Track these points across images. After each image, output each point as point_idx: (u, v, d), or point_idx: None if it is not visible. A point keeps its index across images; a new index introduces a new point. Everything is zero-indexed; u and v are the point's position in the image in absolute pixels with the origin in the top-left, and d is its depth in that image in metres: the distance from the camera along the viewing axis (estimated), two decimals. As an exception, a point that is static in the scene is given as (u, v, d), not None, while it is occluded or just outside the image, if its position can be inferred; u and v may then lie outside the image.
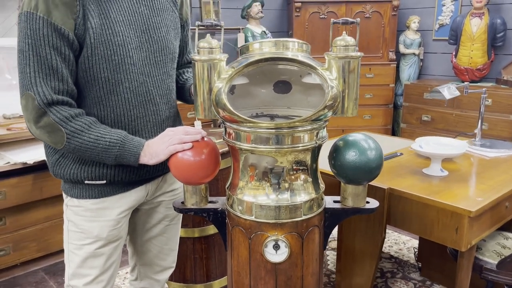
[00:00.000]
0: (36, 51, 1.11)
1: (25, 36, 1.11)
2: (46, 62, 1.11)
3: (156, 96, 1.30)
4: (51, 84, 1.12)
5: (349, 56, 1.09)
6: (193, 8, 3.81)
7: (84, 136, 1.15)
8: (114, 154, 1.17)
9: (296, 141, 1.10)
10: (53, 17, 1.10)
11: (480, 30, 3.73)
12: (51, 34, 1.10)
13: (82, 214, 1.28)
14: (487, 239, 1.88)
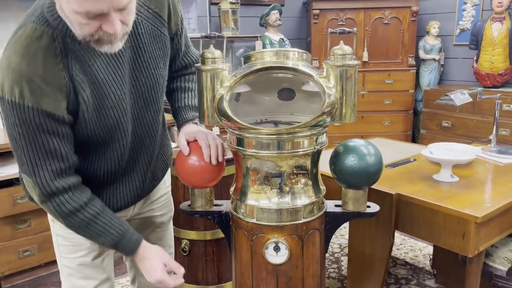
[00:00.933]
0: (30, 139, 1.02)
1: (14, 124, 1.01)
2: (43, 147, 1.03)
3: (146, 138, 1.25)
4: (51, 168, 1.06)
5: (346, 64, 1.13)
6: (212, 17, 3.91)
7: (81, 232, 1.15)
8: (110, 247, 1.21)
9: (296, 146, 1.15)
10: (43, 104, 1.00)
11: (501, 35, 3.67)
12: (44, 121, 1.01)
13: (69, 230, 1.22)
14: (498, 245, 1.86)
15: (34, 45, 0.99)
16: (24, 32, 1.00)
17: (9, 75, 0.98)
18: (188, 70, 1.42)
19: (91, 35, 0.97)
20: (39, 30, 1.00)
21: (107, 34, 0.97)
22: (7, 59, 1.00)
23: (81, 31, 0.97)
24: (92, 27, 0.95)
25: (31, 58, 0.98)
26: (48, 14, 1.01)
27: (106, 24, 0.95)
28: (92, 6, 0.91)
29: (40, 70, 0.99)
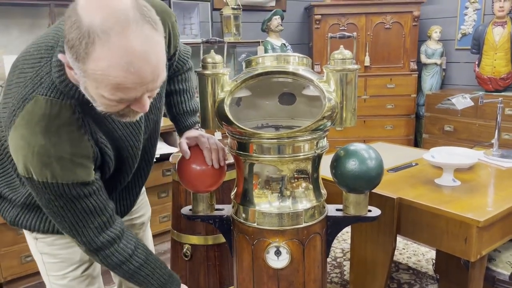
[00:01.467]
0: (69, 208, 0.99)
1: (49, 200, 0.98)
2: (83, 211, 1.01)
3: (143, 162, 1.25)
4: (94, 225, 1.03)
5: (346, 69, 1.13)
6: (214, 23, 3.92)
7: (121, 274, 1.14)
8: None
9: (297, 150, 1.15)
10: (77, 178, 0.97)
11: (503, 39, 3.68)
12: (80, 190, 0.98)
13: (56, 243, 1.21)
14: (501, 250, 1.85)
15: (54, 123, 0.92)
16: (36, 108, 0.92)
17: (34, 159, 0.92)
18: (180, 71, 1.39)
19: (117, 112, 0.91)
20: (55, 104, 0.93)
21: (133, 111, 0.91)
22: (23, 140, 0.92)
23: (106, 109, 0.89)
24: (119, 108, 0.89)
25: (56, 138, 0.92)
26: (61, 86, 0.94)
27: (136, 105, 0.89)
28: (126, 95, 0.84)
29: (67, 147, 0.94)
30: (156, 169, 2.86)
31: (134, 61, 0.80)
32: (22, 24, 2.85)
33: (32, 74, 0.96)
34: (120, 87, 0.82)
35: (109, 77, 0.80)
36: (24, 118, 0.93)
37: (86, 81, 0.84)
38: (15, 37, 2.82)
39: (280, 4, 4.38)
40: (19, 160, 0.94)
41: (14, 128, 0.94)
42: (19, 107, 0.94)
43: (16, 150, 0.94)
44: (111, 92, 0.83)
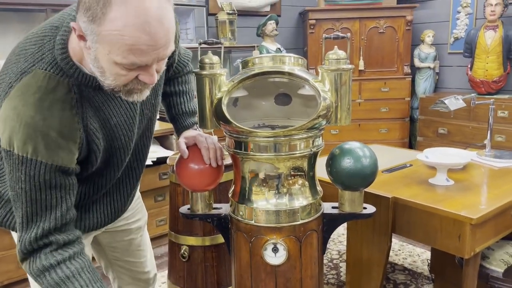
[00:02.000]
0: (31, 196, 0.95)
1: (19, 179, 0.94)
2: (43, 204, 0.97)
3: (135, 162, 1.25)
4: (42, 226, 0.97)
5: (341, 68, 1.16)
6: (210, 28, 3.96)
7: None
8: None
9: (293, 148, 1.17)
10: (58, 159, 0.94)
11: (494, 43, 3.73)
12: (54, 176, 0.95)
13: None
14: (495, 248, 1.88)
15: (49, 97, 0.93)
16: (34, 80, 0.93)
17: (20, 130, 0.91)
18: (180, 73, 1.42)
19: (124, 85, 0.92)
20: (53, 80, 0.94)
21: (141, 84, 0.93)
22: (13, 110, 0.92)
23: (114, 82, 0.91)
24: (128, 78, 0.90)
25: (47, 112, 0.92)
26: (62, 62, 0.95)
27: (144, 75, 0.90)
28: (138, 58, 0.86)
29: (56, 124, 0.93)
30: (152, 172, 2.87)
31: (150, 21, 0.82)
32: (18, 29, 2.88)
33: (33, 50, 0.97)
34: (134, 48, 0.83)
35: (124, 37, 0.82)
36: (19, 90, 0.93)
37: (98, 48, 0.86)
38: (11, 42, 2.84)
39: (275, 9, 4.43)
40: (5, 131, 0.93)
41: (8, 99, 0.94)
42: (17, 79, 0.94)
43: (5, 120, 0.93)
44: (124, 55, 0.84)
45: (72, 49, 0.96)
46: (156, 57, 0.88)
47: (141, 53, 0.85)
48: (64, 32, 0.97)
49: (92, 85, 0.99)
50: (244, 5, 4.10)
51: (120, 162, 1.16)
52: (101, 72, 0.91)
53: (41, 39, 0.98)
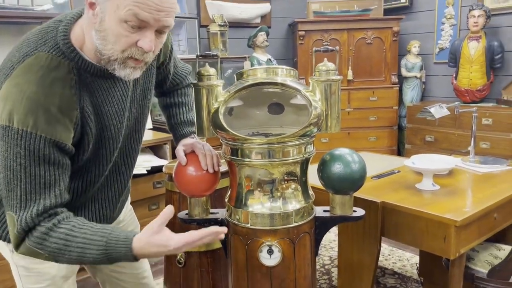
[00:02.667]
0: (31, 171, 0.98)
1: (17, 155, 0.96)
2: (42, 180, 0.99)
3: (122, 166, 1.29)
4: (43, 203, 1.00)
5: (330, 79, 1.24)
6: (202, 39, 4.03)
7: (65, 254, 1.01)
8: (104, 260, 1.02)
9: (286, 154, 1.24)
10: (56, 134, 0.99)
11: (478, 53, 3.86)
12: (52, 151, 0.99)
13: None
14: (480, 250, 1.96)
15: (50, 75, 0.99)
16: (37, 61, 0.99)
17: (22, 104, 0.95)
18: (180, 86, 1.50)
19: (122, 51, 0.99)
20: (55, 60, 1.01)
21: (138, 53, 1.00)
22: (16, 86, 0.97)
23: (114, 46, 0.98)
24: (128, 41, 0.98)
25: (48, 88, 0.98)
26: (64, 47, 1.02)
27: (142, 40, 0.98)
28: (141, 12, 0.94)
29: (57, 100, 0.99)
30: (146, 181, 2.92)
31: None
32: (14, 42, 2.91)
33: (36, 38, 1.04)
34: (140, 1, 0.93)
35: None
36: (22, 69, 0.99)
37: (107, 7, 0.95)
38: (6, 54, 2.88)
39: (265, 21, 4.53)
40: (5, 107, 0.96)
41: (10, 78, 0.99)
42: (19, 62, 1.00)
43: (5, 97, 0.97)
44: (130, 7, 0.93)
45: (74, 37, 1.04)
46: (157, 20, 0.97)
47: (145, 7, 0.94)
48: (67, 23, 1.06)
49: (90, 71, 1.06)
50: (235, 17, 4.19)
51: (109, 155, 1.18)
52: (103, 38, 0.98)
53: (44, 30, 1.06)
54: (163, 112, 1.51)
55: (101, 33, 0.98)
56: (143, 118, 1.30)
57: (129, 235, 1.02)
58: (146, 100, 1.28)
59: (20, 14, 2.82)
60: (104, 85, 1.11)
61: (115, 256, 1.01)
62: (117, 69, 1.03)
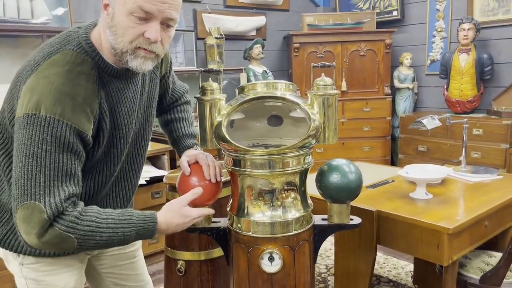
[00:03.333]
0: (55, 158, 1.03)
1: (43, 141, 1.02)
2: (65, 167, 1.05)
3: (130, 172, 1.34)
4: (67, 190, 1.05)
5: (328, 94, 1.30)
6: (199, 51, 4.10)
7: (96, 236, 1.08)
8: (133, 238, 1.14)
9: (286, 165, 1.30)
10: (80, 124, 1.06)
11: (468, 65, 3.96)
12: (75, 140, 1.05)
13: (42, 269, 1.25)
14: (472, 257, 2.02)
15: (76, 69, 1.08)
16: (62, 57, 1.08)
17: (51, 94, 1.02)
18: (178, 102, 1.58)
19: (130, 42, 1.08)
20: (79, 57, 1.10)
21: (146, 43, 1.09)
22: (45, 79, 1.04)
23: (123, 37, 1.07)
24: (136, 31, 1.07)
25: (75, 80, 1.06)
26: (86, 46, 1.12)
27: (148, 31, 1.07)
28: (145, 4, 1.04)
29: (82, 91, 1.07)
30: (145, 191, 2.96)
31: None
32: (14, 54, 2.97)
33: (59, 40, 1.13)
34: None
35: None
36: (49, 64, 1.07)
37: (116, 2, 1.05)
38: (7, 66, 2.93)
39: (261, 33, 4.61)
40: (32, 97, 1.03)
41: (37, 72, 1.07)
42: (44, 59, 1.09)
43: (32, 89, 1.04)
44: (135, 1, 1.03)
45: (93, 39, 1.14)
46: (161, 11, 1.07)
47: (149, 0, 1.04)
48: (86, 28, 1.16)
49: (108, 70, 1.15)
50: (231, 29, 4.27)
51: (119, 154, 1.24)
52: (114, 32, 1.08)
53: (66, 34, 1.16)
54: (164, 129, 1.58)
55: (112, 28, 1.09)
56: (148, 126, 1.37)
57: (153, 212, 1.17)
58: (151, 108, 1.36)
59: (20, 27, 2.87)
60: (119, 86, 1.19)
61: (144, 232, 1.14)
62: (129, 60, 1.11)
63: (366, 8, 4.87)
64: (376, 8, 4.81)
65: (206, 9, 4.16)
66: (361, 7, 4.92)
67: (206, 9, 4.16)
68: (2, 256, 1.31)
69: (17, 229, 1.07)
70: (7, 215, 1.23)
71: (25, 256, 1.24)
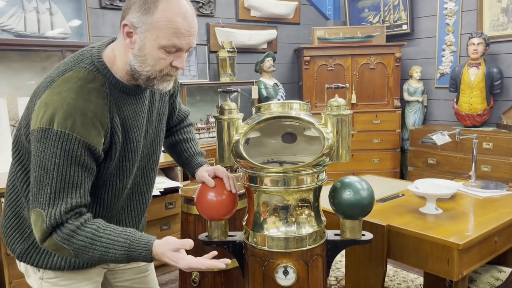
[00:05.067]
0: (63, 171, 1.10)
1: (53, 155, 1.09)
2: (71, 180, 1.11)
3: (144, 186, 1.40)
4: (71, 202, 1.11)
5: (341, 114, 1.36)
6: (211, 64, 4.19)
7: (89, 252, 1.13)
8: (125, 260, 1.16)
9: (301, 182, 1.35)
10: (90, 138, 1.11)
11: (477, 79, 3.99)
12: (84, 154, 1.11)
13: (61, 283, 1.30)
14: (482, 272, 2.04)
15: (88, 86, 1.14)
16: (75, 74, 1.15)
17: (63, 108, 1.09)
18: (183, 124, 1.64)
19: (160, 71, 1.17)
20: (91, 74, 1.17)
21: (173, 70, 1.18)
22: (59, 94, 1.11)
23: (153, 68, 1.16)
24: (166, 62, 1.16)
25: (86, 96, 1.13)
26: (98, 64, 1.19)
27: (177, 60, 1.17)
28: (179, 40, 1.13)
29: (93, 107, 1.13)
30: (159, 202, 3.02)
31: (187, 12, 1.14)
32: (34, 68, 3.06)
33: (73, 58, 1.21)
34: (177, 32, 1.12)
35: (171, 23, 1.12)
36: (62, 80, 1.14)
37: (147, 36, 1.13)
38: (28, 79, 3.03)
39: (272, 46, 4.69)
40: (46, 111, 1.09)
41: (51, 88, 1.14)
42: (59, 76, 1.16)
43: (46, 104, 1.11)
44: (169, 38, 1.12)
45: (106, 58, 1.20)
46: (188, 43, 1.16)
47: (181, 36, 1.13)
48: (99, 47, 1.23)
49: (119, 87, 1.21)
50: (243, 43, 4.35)
51: (131, 167, 1.29)
52: (142, 61, 1.16)
53: (79, 53, 1.23)
54: (171, 150, 1.63)
55: (140, 57, 1.16)
56: (159, 141, 1.44)
57: (150, 239, 1.17)
58: (161, 123, 1.42)
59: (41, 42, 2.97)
60: (129, 101, 1.25)
61: (135, 257, 1.15)
62: (156, 84, 1.20)
63: (376, 22, 4.93)
64: (386, 21, 4.87)
65: (218, 23, 4.25)
66: (371, 21, 4.98)
67: (219, 23, 4.25)
68: (23, 270, 1.36)
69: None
70: (29, 230, 1.28)
71: (45, 270, 1.29)
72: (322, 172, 1.40)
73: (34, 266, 1.29)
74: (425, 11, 4.68)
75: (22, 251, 1.28)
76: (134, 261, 1.17)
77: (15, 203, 1.29)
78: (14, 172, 1.28)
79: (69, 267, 1.28)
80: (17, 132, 1.25)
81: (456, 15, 4.41)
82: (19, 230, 1.29)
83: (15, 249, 1.29)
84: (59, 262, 1.27)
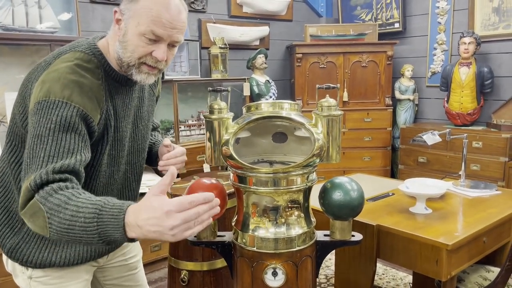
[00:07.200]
0: (58, 136, 1.06)
1: (48, 121, 1.06)
2: (67, 145, 1.07)
3: (133, 183, 1.41)
4: (63, 162, 1.04)
5: (332, 114, 1.34)
6: (203, 60, 4.15)
7: (60, 213, 0.97)
8: (95, 233, 0.96)
9: (291, 183, 1.34)
10: (87, 108, 1.12)
11: (468, 78, 4.01)
12: (80, 122, 1.10)
13: (51, 282, 1.29)
14: (470, 272, 2.06)
15: (84, 66, 1.17)
16: (72, 55, 1.18)
17: (60, 81, 1.10)
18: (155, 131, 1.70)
19: (139, 58, 1.18)
20: (87, 56, 1.19)
21: (152, 61, 1.19)
22: (56, 71, 1.13)
23: (133, 53, 1.17)
24: (144, 50, 1.17)
25: (83, 73, 1.15)
26: (94, 49, 1.22)
27: (156, 51, 1.18)
28: (157, 29, 1.15)
29: (89, 83, 1.15)
30: (148, 199, 2.99)
31: (170, 4, 1.16)
32: (22, 62, 3.01)
33: (70, 45, 1.24)
34: (157, 20, 1.14)
35: (152, 10, 1.14)
36: (59, 60, 1.17)
37: (130, 22, 1.16)
38: (16, 74, 2.98)
39: (264, 43, 4.66)
40: (44, 86, 1.10)
41: (48, 69, 1.15)
42: (55, 58, 1.19)
43: (43, 81, 1.12)
44: (148, 24, 1.14)
45: (101, 46, 1.24)
46: (170, 35, 1.18)
47: (160, 25, 1.15)
48: (94, 38, 1.27)
49: (112, 75, 1.24)
50: (235, 39, 4.32)
51: (119, 157, 1.30)
52: (124, 47, 1.18)
53: (76, 42, 1.26)
54: None
55: (123, 43, 1.19)
56: (147, 139, 1.47)
57: (125, 204, 0.97)
58: (149, 122, 1.46)
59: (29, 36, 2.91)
60: (120, 90, 1.28)
61: (106, 221, 0.94)
62: (134, 74, 1.22)
63: (368, 20, 4.93)
64: (378, 19, 4.87)
65: (210, 19, 4.22)
66: (364, 19, 4.98)
67: (211, 19, 4.22)
68: (10, 270, 1.34)
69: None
70: (19, 224, 1.26)
71: (34, 269, 1.27)
72: (313, 173, 1.39)
73: (23, 264, 1.27)
74: (417, 10, 4.69)
75: (13, 246, 1.26)
76: (105, 227, 0.95)
77: (4, 197, 1.28)
78: (4, 165, 1.27)
79: (59, 263, 1.27)
80: (11, 123, 1.25)
81: (448, 14, 4.42)
82: (9, 225, 1.27)
83: (5, 244, 1.27)
84: (50, 257, 1.25)
